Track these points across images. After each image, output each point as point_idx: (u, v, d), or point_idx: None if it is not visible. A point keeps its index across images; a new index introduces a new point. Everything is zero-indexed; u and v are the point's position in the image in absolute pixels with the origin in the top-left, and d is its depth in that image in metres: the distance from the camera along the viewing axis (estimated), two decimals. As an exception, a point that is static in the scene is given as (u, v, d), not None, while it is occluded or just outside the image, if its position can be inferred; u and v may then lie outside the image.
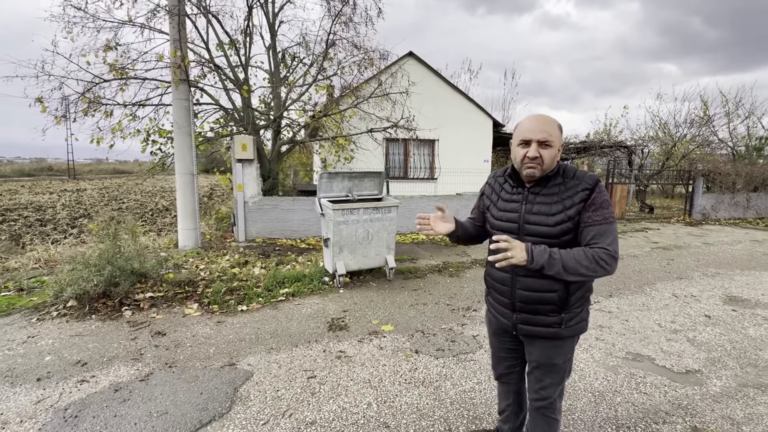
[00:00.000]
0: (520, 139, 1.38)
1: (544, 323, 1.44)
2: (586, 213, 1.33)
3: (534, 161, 1.34)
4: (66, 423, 2.10)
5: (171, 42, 5.65)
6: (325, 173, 4.69)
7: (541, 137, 1.33)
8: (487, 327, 1.74)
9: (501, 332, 1.63)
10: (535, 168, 1.35)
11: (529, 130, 1.35)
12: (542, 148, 1.33)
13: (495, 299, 1.58)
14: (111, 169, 30.90)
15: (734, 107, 14.50)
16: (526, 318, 1.46)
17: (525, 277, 1.42)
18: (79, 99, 5.88)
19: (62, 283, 3.58)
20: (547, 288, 1.39)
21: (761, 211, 11.32)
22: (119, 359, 2.76)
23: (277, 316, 3.59)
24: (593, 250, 1.29)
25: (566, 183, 1.38)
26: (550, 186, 1.40)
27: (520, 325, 1.49)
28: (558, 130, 1.37)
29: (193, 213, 5.94)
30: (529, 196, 1.42)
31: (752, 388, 2.50)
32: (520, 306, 1.46)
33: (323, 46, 7.49)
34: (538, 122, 1.35)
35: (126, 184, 19.05)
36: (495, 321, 1.62)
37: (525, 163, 1.37)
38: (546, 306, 1.42)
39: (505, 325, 1.56)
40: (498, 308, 1.58)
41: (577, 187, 1.35)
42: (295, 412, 2.21)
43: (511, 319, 1.51)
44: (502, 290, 1.51)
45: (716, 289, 4.57)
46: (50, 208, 11.25)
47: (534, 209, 1.40)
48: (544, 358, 1.49)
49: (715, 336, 3.28)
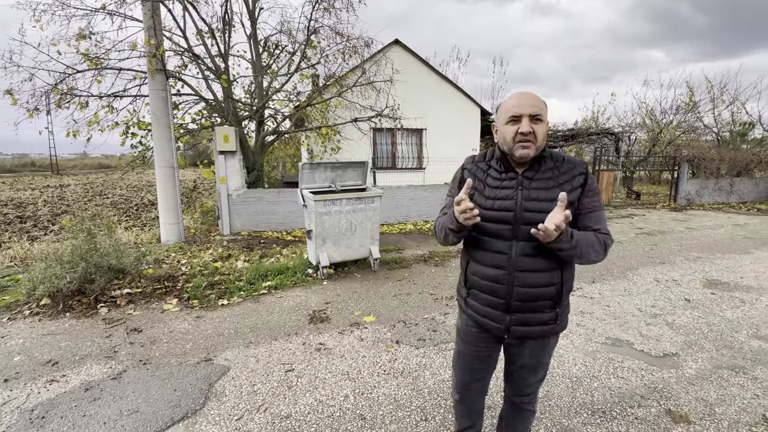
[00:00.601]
0: (509, 116, 1.25)
1: (540, 321, 1.33)
2: (586, 199, 1.29)
3: (527, 137, 1.22)
4: (32, 424, 2.03)
5: (145, 30, 5.45)
6: (307, 164, 4.60)
7: (532, 111, 1.22)
8: (461, 336, 1.52)
9: (481, 339, 1.45)
10: (529, 146, 1.23)
11: (518, 105, 1.24)
12: (534, 123, 1.23)
13: (482, 301, 1.39)
14: (96, 164, 30.24)
15: (719, 93, 14.63)
16: (522, 318, 1.33)
17: (525, 272, 1.28)
18: (50, 91, 5.66)
19: (35, 281, 3.48)
20: (548, 282, 1.29)
21: (744, 195, 11.51)
22: (92, 357, 2.69)
23: (258, 309, 3.54)
24: (601, 235, 1.27)
25: (559, 167, 1.30)
26: (543, 170, 1.29)
27: (514, 327, 1.34)
28: (545, 106, 1.28)
29: (175, 207, 5.82)
30: (524, 181, 1.29)
31: (726, 370, 2.53)
32: (516, 306, 1.32)
33: (306, 33, 7.31)
34: (526, 97, 1.25)
35: (110, 179, 18.67)
36: (476, 328, 1.44)
37: (518, 140, 1.24)
38: (544, 302, 1.32)
39: (494, 330, 1.38)
40: (485, 311, 1.38)
41: (573, 171, 1.29)
42: (271, 407, 2.17)
43: (503, 321, 1.35)
44: (495, 289, 1.33)
45: (697, 273, 4.63)
46: (31, 204, 10.97)
47: (532, 195, 1.27)
48: (534, 358, 1.41)
49: (693, 319, 3.31)
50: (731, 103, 14.74)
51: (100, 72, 5.98)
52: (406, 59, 9.87)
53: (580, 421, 2.05)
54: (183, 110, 7.73)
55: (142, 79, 6.41)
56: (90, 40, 5.96)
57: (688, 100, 14.43)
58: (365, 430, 1.99)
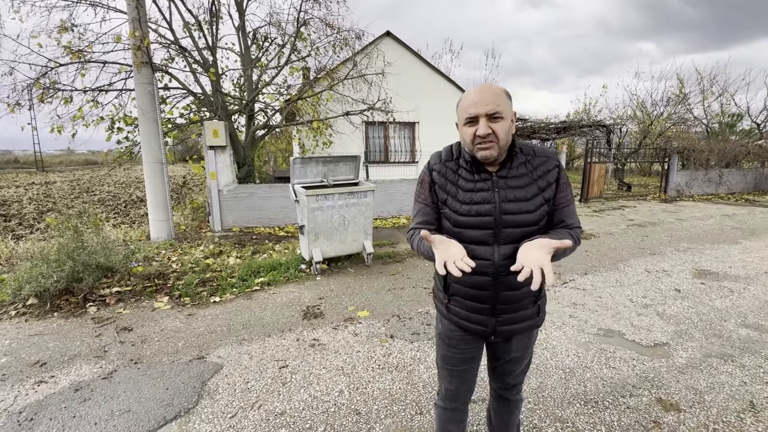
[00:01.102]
0: (465, 117, 1.17)
1: (524, 318, 1.32)
2: (560, 194, 1.24)
3: (487, 139, 1.14)
4: (20, 427, 1.99)
5: (130, 21, 5.30)
6: (299, 158, 4.55)
7: (488, 110, 1.13)
8: (443, 340, 1.43)
9: (465, 340, 1.39)
10: (490, 147, 1.15)
11: (474, 103, 1.15)
12: (492, 122, 1.14)
13: (466, 308, 1.32)
14: (82, 160, 29.64)
15: (709, 85, 14.79)
16: (508, 318, 1.30)
17: (509, 276, 1.19)
18: (32, 85, 5.50)
19: (21, 280, 3.40)
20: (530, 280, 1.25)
21: (732, 186, 11.69)
22: (81, 357, 2.65)
23: (250, 306, 3.51)
24: (573, 230, 1.24)
25: (532, 161, 1.24)
26: (516, 166, 1.23)
27: (500, 328, 1.31)
28: (506, 98, 1.18)
29: (164, 203, 5.73)
30: (499, 182, 1.22)
31: (716, 358, 2.57)
32: (502, 308, 1.28)
33: (295, 25, 7.19)
34: (482, 93, 1.15)
35: (98, 176, 18.33)
36: (459, 329, 1.37)
37: (477, 143, 1.16)
38: (527, 300, 1.30)
39: (480, 332, 1.34)
40: (470, 316, 1.33)
41: (547, 164, 1.24)
42: (265, 403, 2.16)
43: (490, 324, 1.31)
44: (479, 296, 1.28)
45: (687, 263, 4.69)
46: (16, 202, 10.73)
47: (509, 196, 1.20)
48: (520, 351, 1.40)
49: (683, 309, 3.36)
50: (720, 94, 14.93)
51: (84, 65, 5.83)
52: (398, 52, 9.78)
53: (573, 411, 2.07)
54: (171, 104, 7.58)
55: (127, 73, 6.27)
56: (72, 32, 5.80)
57: (678, 91, 14.56)
58: (360, 424, 1.99)
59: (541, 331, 2.96)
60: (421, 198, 1.34)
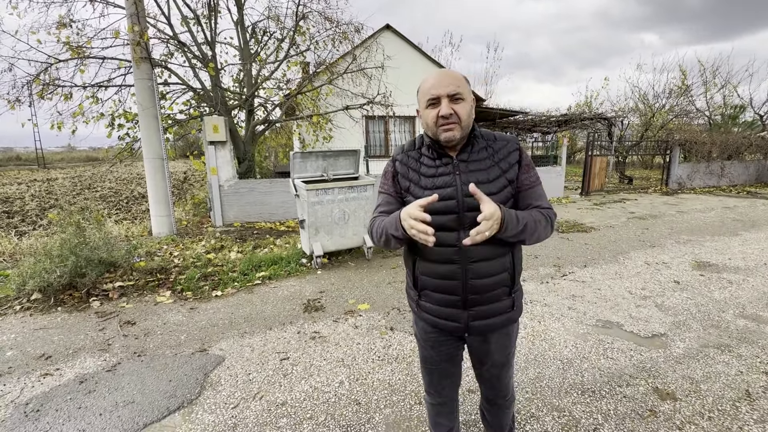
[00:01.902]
0: (426, 99, 1.18)
1: (499, 311, 1.28)
2: (524, 175, 1.24)
3: (450, 120, 1.15)
4: (27, 418, 2.03)
5: (128, 17, 5.29)
6: (298, 153, 4.56)
7: (449, 90, 1.14)
8: (421, 342, 1.41)
9: (441, 342, 1.36)
10: (453, 127, 1.16)
11: (434, 86, 1.16)
12: (454, 103, 1.16)
13: (437, 301, 1.29)
14: (83, 157, 29.68)
15: (711, 76, 14.66)
16: (481, 311, 1.26)
17: (478, 263, 1.20)
18: (32, 81, 5.51)
19: (24, 276, 3.44)
20: (501, 268, 1.24)
21: (734, 178, 11.65)
22: (85, 351, 2.69)
23: (252, 300, 3.54)
24: (544, 210, 1.23)
25: (492, 145, 1.25)
26: (477, 150, 1.23)
27: (473, 323, 1.27)
28: (466, 82, 1.20)
29: (166, 199, 5.75)
30: (460, 165, 1.21)
31: (712, 348, 2.59)
32: (473, 299, 1.24)
33: (294, 19, 7.15)
34: (442, 76, 1.17)
35: (99, 172, 18.38)
36: (434, 330, 1.34)
37: (440, 124, 1.17)
38: (499, 290, 1.26)
39: (453, 329, 1.30)
40: (441, 311, 1.29)
41: (507, 147, 1.24)
42: (266, 394, 2.19)
43: (462, 319, 1.26)
44: (449, 286, 1.24)
45: (687, 255, 4.70)
46: (18, 199, 10.78)
47: (471, 178, 1.19)
48: (500, 352, 1.35)
49: (682, 300, 3.37)
50: (723, 86, 14.81)
51: (83, 61, 5.82)
52: (397, 45, 9.73)
53: (570, 400, 2.09)
54: (170, 100, 7.58)
55: (126, 68, 6.26)
56: (71, 28, 5.79)
57: (680, 83, 14.45)
58: (360, 414, 2.02)
59: (539, 322, 2.98)
60: (384, 188, 1.33)
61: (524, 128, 13.81)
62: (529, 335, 2.79)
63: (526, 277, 4.02)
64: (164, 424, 1.97)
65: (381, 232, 1.22)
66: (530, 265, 4.41)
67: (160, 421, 2.00)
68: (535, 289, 3.69)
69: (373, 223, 1.29)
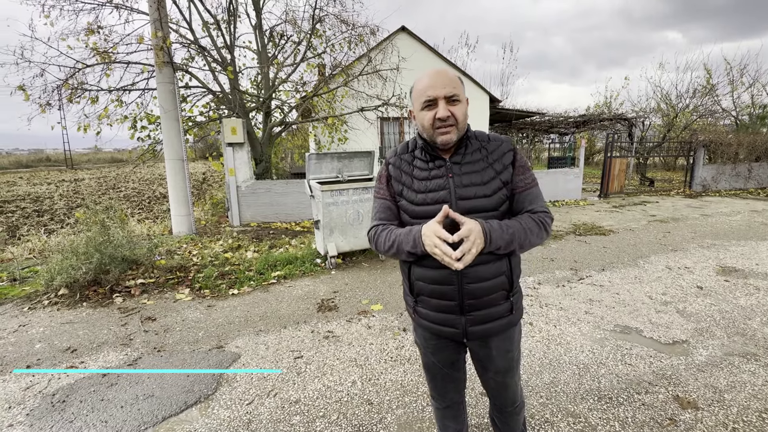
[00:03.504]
0: (422, 100, 1.14)
1: (497, 315, 1.24)
2: (518, 176, 1.20)
3: (447, 122, 1.12)
4: (53, 408, 2.13)
5: (151, 23, 5.47)
6: (314, 155, 4.61)
7: (446, 92, 1.11)
8: (422, 348, 1.39)
9: (441, 348, 1.33)
10: (450, 130, 1.13)
11: (431, 86, 1.12)
12: (451, 105, 1.13)
13: (433, 307, 1.26)
14: (108, 158, 30.77)
15: (738, 75, 14.13)
16: (479, 316, 1.22)
17: (473, 267, 1.13)
18: (61, 85, 5.75)
19: (52, 272, 3.59)
20: (497, 272, 1.19)
21: (763, 180, 11.18)
22: (108, 345, 2.79)
23: (267, 298, 3.60)
24: (537, 215, 1.17)
25: (486, 146, 1.21)
26: (471, 152, 1.20)
27: (471, 329, 1.23)
28: (461, 83, 1.18)
29: (185, 199, 5.91)
30: (453, 167, 1.19)
31: (738, 357, 2.50)
32: (470, 304, 1.20)
33: (311, 22, 7.25)
34: (438, 76, 1.13)
35: (123, 173, 19.00)
36: (433, 336, 1.32)
37: (437, 127, 1.13)
38: (497, 294, 1.21)
39: (451, 335, 1.27)
40: (438, 317, 1.26)
41: (502, 147, 1.21)
42: (280, 392, 2.23)
43: (460, 324, 1.23)
44: (445, 292, 1.21)
45: (711, 260, 4.54)
46: (47, 198, 11.26)
47: (464, 181, 1.17)
48: (502, 356, 1.30)
49: (705, 307, 3.26)
50: (751, 85, 14.25)
51: (109, 66, 6.05)
52: (413, 46, 9.74)
53: (586, 406, 2.05)
54: (191, 103, 7.79)
55: (149, 73, 6.46)
56: (98, 34, 6.02)
57: (705, 83, 13.98)
58: (372, 414, 2.03)
59: (555, 326, 2.94)
60: (380, 193, 1.30)
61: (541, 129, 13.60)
62: (545, 339, 2.75)
63: (542, 280, 3.96)
64: (182, 418, 2.03)
65: (391, 245, 1.18)
66: (546, 268, 4.34)
67: (177, 415, 2.05)
68: (551, 292, 3.63)
69: (377, 232, 1.25)
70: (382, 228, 1.24)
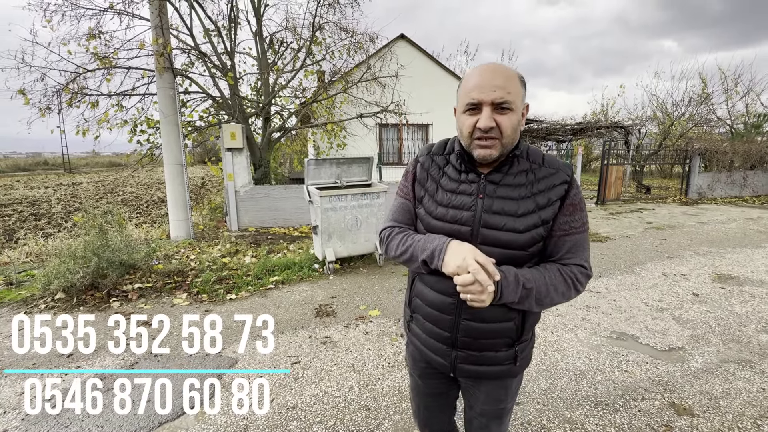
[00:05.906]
0: (466, 102, 0.92)
1: (494, 361, 1.05)
2: (564, 217, 0.97)
3: (488, 134, 0.90)
4: (52, 409, 2.11)
5: (152, 29, 5.51)
6: (312, 160, 4.64)
7: (495, 96, 0.88)
8: (409, 367, 1.25)
9: (429, 374, 1.19)
10: (492, 145, 0.92)
11: (478, 87, 0.90)
12: (499, 114, 0.90)
13: (426, 331, 1.11)
14: (107, 162, 30.73)
15: (733, 84, 14.32)
16: (471, 356, 1.05)
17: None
18: (62, 90, 5.78)
19: (50, 276, 3.58)
20: (503, 317, 1.01)
21: (758, 188, 11.28)
22: (105, 349, 2.77)
23: (265, 303, 3.60)
24: (569, 269, 0.97)
25: (536, 171, 0.98)
26: (515, 173, 0.98)
27: (461, 366, 1.07)
28: (520, 85, 0.93)
29: (184, 203, 5.91)
30: (488, 187, 0.98)
31: (733, 364, 2.51)
32: (463, 342, 1.04)
33: (310, 29, 7.33)
34: (490, 75, 0.90)
35: (121, 177, 18.98)
36: (421, 359, 1.17)
37: (475, 137, 0.93)
38: (498, 340, 1.03)
39: (438, 365, 1.11)
40: (428, 342, 1.11)
41: (554, 178, 0.97)
42: (277, 397, 2.23)
43: (449, 357, 1.07)
44: (439, 319, 1.06)
45: (706, 267, 4.57)
46: (45, 202, 11.23)
47: (495, 206, 0.96)
48: (491, 403, 1.13)
49: (701, 313, 3.28)
50: (746, 94, 14.43)
51: (110, 71, 6.08)
52: (411, 54, 9.84)
53: (582, 413, 2.06)
54: (190, 108, 7.82)
55: (150, 78, 6.50)
56: (99, 39, 6.05)
57: (700, 91, 14.15)
58: (369, 420, 2.03)
59: (552, 332, 2.95)
60: (402, 192, 1.14)
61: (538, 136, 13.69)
62: (541, 345, 2.76)
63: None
64: (178, 424, 2.02)
65: (405, 250, 1.03)
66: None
67: (174, 420, 2.05)
68: (548, 298, 3.64)
69: (391, 234, 1.10)
70: (398, 231, 1.09)
